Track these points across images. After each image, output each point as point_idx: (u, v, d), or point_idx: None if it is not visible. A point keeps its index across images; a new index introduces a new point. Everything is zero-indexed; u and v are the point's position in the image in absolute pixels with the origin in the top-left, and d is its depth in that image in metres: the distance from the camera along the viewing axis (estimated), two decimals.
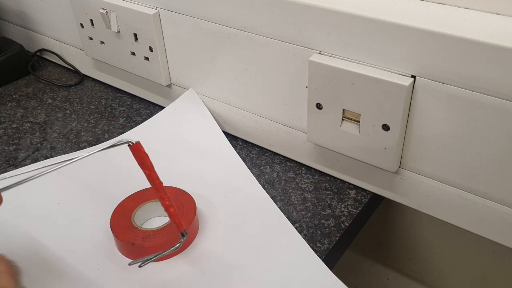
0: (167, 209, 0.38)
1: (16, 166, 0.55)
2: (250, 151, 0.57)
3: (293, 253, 0.43)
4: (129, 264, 0.40)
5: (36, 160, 0.56)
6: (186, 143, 0.56)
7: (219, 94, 0.57)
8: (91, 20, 0.64)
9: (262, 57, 0.50)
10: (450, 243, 0.58)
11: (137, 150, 0.36)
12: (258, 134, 0.56)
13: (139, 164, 0.37)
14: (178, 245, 0.40)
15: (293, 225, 0.46)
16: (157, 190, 0.38)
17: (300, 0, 0.43)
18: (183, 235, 0.39)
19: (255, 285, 0.40)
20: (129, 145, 0.36)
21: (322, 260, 0.42)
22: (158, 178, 0.38)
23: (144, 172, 0.37)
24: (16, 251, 0.44)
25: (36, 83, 0.73)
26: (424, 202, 0.46)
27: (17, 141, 0.60)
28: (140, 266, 0.40)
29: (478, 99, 0.37)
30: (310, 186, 0.51)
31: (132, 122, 0.63)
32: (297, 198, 0.50)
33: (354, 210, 0.48)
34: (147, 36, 0.58)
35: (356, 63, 0.43)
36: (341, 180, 0.52)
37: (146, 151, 0.38)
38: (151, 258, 0.40)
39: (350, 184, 0.51)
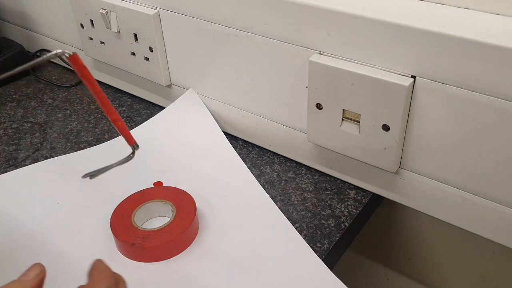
0: (114, 122, 0.37)
1: (16, 166, 0.55)
2: (250, 151, 0.57)
3: (293, 253, 0.43)
4: (82, 177, 0.38)
5: (36, 160, 0.56)
6: (186, 143, 0.56)
7: (219, 94, 0.57)
8: (91, 21, 0.64)
9: (262, 57, 0.50)
10: (450, 243, 0.58)
11: (74, 61, 0.33)
12: (258, 134, 0.56)
13: (79, 76, 0.34)
14: (130, 155, 0.38)
15: (293, 225, 0.46)
16: (102, 104, 0.36)
17: (300, 0, 0.43)
18: (133, 148, 0.38)
19: (255, 285, 0.40)
20: (66, 56, 0.32)
21: (322, 260, 0.42)
22: (100, 90, 0.36)
23: (86, 85, 0.35)
24: (16, 251, 0.44)
25: (36, 83, 0.73)
26: (424, 202, 0.46)
27: (17, 141, 0.60)
28: (91, 178, 0.38)
29: (478, 99, 0.37)
30: (310, 186, 0.51)
31: (132, 122, 0.63)
32: (297, 198, 0.50)
33: (354, 210, 0.48)
34: (147, 36, 0.58)
35: (356, 63, 0.43)
36: (341, 180, 0.52)
37: (147, 151, 0.38)
38: (103, 170, 0.38)
39: (350, 184, 0.51)
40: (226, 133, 0.59)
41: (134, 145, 0.38)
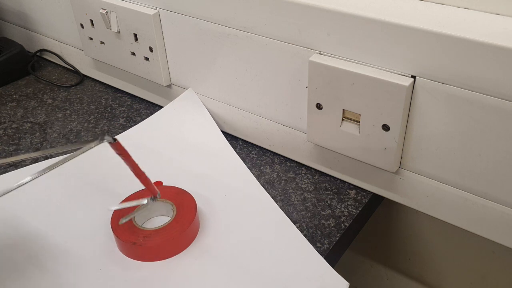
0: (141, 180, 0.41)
1: (16, 166, 0.55)
2: (250, 151, 0.57)
3: (294, 252, 0.43)
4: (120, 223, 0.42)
5: (36, 161, 0.56)
6: (185, 143, 0.57)
7: (219, 94, 0.57)
8: (91, 21, 0.64)
9: (262, 57, 0.50)
10: (450, 243, 0.58)
11: (118, 147, 0.38)
12: (258, 134, 0.56)
13: (122, 158, 0.39)
14: (149, 200, 0.42)
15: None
16: (138, 176, 0.40)
17: (300, 0, 0.43)
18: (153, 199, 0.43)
19: (256, 284, 0.40)
20: (108, 142, 0.37)
21: None
22: (140, 171, 0.40)
23: (128, 165, 0.39)
24: (16, 251, 0.44)
25: (36, 83, 0.73)
26: (424, 202, 0.46)
27: (17, 141, 0.60)
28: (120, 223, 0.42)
29: (478, 99, 0.37)
30: (310, 186, 0.51)
31: (132, 122, 0.63)
32: (297, 198, 0.50)
33: (354, 210, 0.48)
34: (147, 36, 0.58)
35: (356, 63, 0.43)
36: (341, 180, 0.52)
37: (146, 151, 0.39)
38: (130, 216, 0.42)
39: (350, 184, 0.51)
40: (226, 133, 0.59)
41: (157, 195, 0.43)
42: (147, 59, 0.60)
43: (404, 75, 0.40)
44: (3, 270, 0.42)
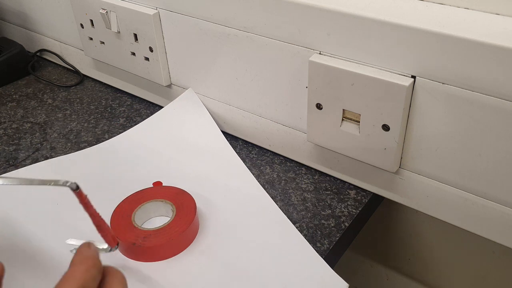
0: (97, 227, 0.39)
1: (16, 166, 0.55)
2: (250, 151, 0.57)
3: (294, 252, 0.43)
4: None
5: (36, 161, 0.56)
6: (185, 143, 0.56)
7: (219, 94, 0.57)
8: (91, 21, 0.64)
9: (262, 57, 0.50)
10: (450, 243, 0.58)
11: (79, 195, 0.37)
12: (258, 134, 0.56)
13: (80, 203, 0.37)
14: (110, 249, 0.39)
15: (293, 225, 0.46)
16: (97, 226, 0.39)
17: (300, 0, 0.43)
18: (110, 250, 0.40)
19: (255, 284, 0.40)
20: (71, 189, 0.36)
21: None
22: (98, 215, 0.39)
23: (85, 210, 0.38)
24: (15, 252, 0.44)
25: (36, 83, 0.73)
26: (424, 202, 0.46)
27: (17, 141, 0.60)
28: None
29: (478, 99, 0.37)
30: (310, 186, 0.51)
31: (132, 122, 0.63)
32: (297, 198, 0.50)
33: (354, 210, 0.48)
34: (147, 36, 0.58)
35: (356, 63, 0.43)
36: (341, 180, 0.52)
37: (146, 151, 0.39)
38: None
39: (350, 184, 0.51)
40: (226, 133, 0.59)
41: (114, 248, 0.40)
42: (147, 59, 0.60)
43: (404, 75, 0.40)
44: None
